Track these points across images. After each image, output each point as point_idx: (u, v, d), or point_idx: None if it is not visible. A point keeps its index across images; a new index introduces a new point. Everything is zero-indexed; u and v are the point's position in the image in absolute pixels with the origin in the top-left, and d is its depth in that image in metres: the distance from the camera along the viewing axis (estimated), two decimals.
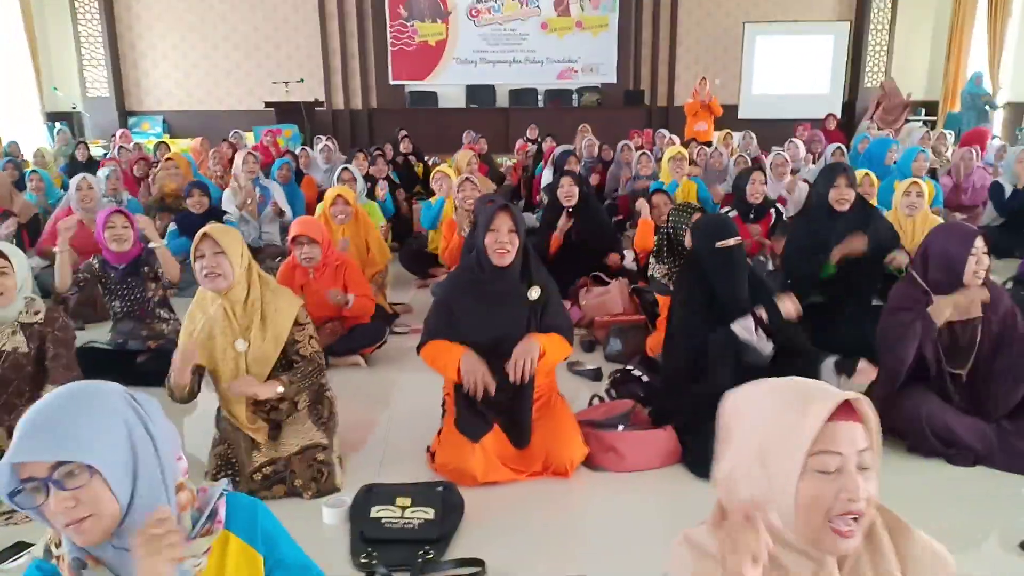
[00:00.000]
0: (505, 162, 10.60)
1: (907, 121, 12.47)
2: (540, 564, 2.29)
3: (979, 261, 2.80)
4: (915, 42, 14.28)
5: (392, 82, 13.61)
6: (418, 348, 2.83)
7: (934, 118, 13.49)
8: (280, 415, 2.79)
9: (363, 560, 2.24)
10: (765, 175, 5.15)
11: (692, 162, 8.15)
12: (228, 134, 11.14)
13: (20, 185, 6.56)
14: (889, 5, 13.91)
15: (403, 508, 2.40)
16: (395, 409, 3.49)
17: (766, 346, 2.94)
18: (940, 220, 4.72)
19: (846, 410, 1.15)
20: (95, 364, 3.68)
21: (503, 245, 2.71)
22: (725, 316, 2.94)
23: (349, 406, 3.44)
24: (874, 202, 4.81)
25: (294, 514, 2.53)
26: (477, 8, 13.49)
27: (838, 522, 1.13)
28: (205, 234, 2.64)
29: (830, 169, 4.04)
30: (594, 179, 8.52)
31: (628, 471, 2.81)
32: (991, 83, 12.66)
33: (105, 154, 9.79)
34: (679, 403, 2.94)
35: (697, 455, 2.74)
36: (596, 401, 3.29)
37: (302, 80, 12.17)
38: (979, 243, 2.81)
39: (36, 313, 2.77)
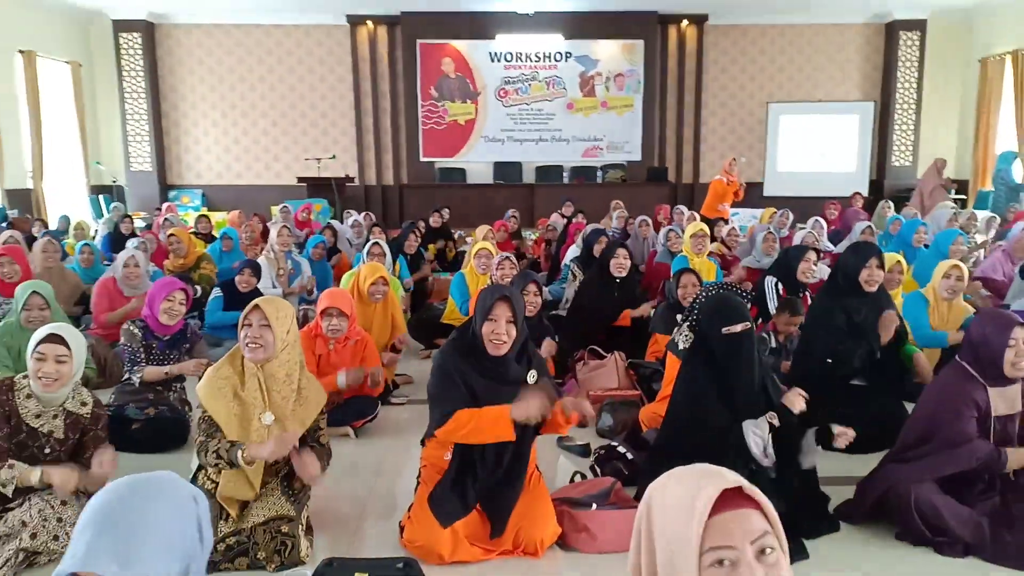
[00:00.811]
0: (529, 236, 10.74)
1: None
2: None
3: (1018, 352, 2.71)
4: (942, 120, 14.30)
5: (422, 159, 13.97)
6: (437, 426, 2.72)
7: (963, 197, 13.36)
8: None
9: None
10: (818, 255, 5.10)
11: (714, 239, 8.18)
12: (262, 208, 11.53)
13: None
14: (915, 84, 14.00)
15: None
16: (378, 483, 3.47)
17: (765, 460, 2.78)
18: (970, 308, 4.64)
19: (736, 498, 1.11)
20: None
21: (499, 336, 2.69)
22: (736, 407, 2.86)
23: (332, 478, 3.44)
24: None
25: None
26: (505, 89, 13.90)
27: None
28: (256, 306, 2.71)
29: (863, 248, 3.97)
30: None
31: (601, 552, 2.74)
32: (1022, 160, 12.54)
33: (148, 226, 10.17)
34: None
35: None
36: (578, 478, 3.24)
37: (334, 157, 12.54)
38: (1019, 332, 2.71)
39: (83, 405, 2.84)
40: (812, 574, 2.62)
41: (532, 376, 2.78)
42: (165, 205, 10.63)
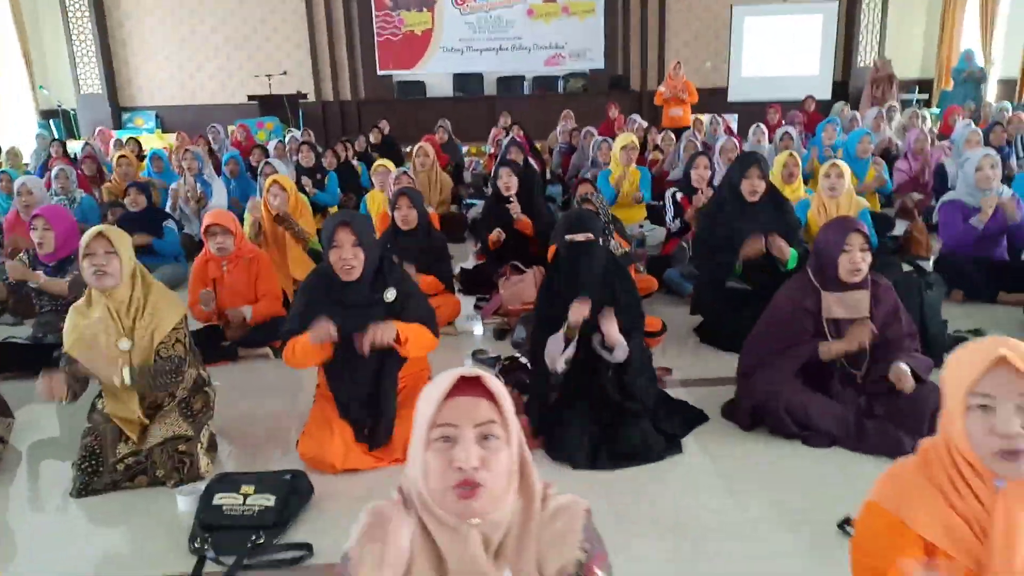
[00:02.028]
0: (488, 151, 10.65)
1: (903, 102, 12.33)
2: None
3: (852, 259, 2.80)
4: (909, 21, 14.07)
5: (380, 72, 13.66)
6: (284, 340, 2.89)
7: (927, 96, 13.29)
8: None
9: (196, 546, 2.34)
10: (711, 160, 5.18)
11: (658, 148, 8.17)
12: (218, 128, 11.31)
13: None
14: None
15: (245, 496, 2.48)
16: (298, 400, 3.58)
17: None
18: (864, 202, 4.75)
19: (470, 385, 1.21)
20: (11, 359, 3.87)
21: (347, 261, 2.74)
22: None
23: (247, 397, 3.56)
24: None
25: (155, 501, 2.66)
26: None
27: (456, 490, 1.19)
28: (100, 233, 2.72)
29: (744, 158, 4.04)
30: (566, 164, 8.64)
31: None
32: (984, 60, 12.44)
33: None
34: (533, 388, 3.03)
35: (547, 439, 2.87)
36: None
37: (285, 73, 12.27)
38: (854, 239, 2.81)
39: None
40: (684, 462, 2.81)
41: (390, 294, 2.85)
42: (98, 129, 10.43)
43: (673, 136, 8.61)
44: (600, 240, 3.08)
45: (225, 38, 13.62)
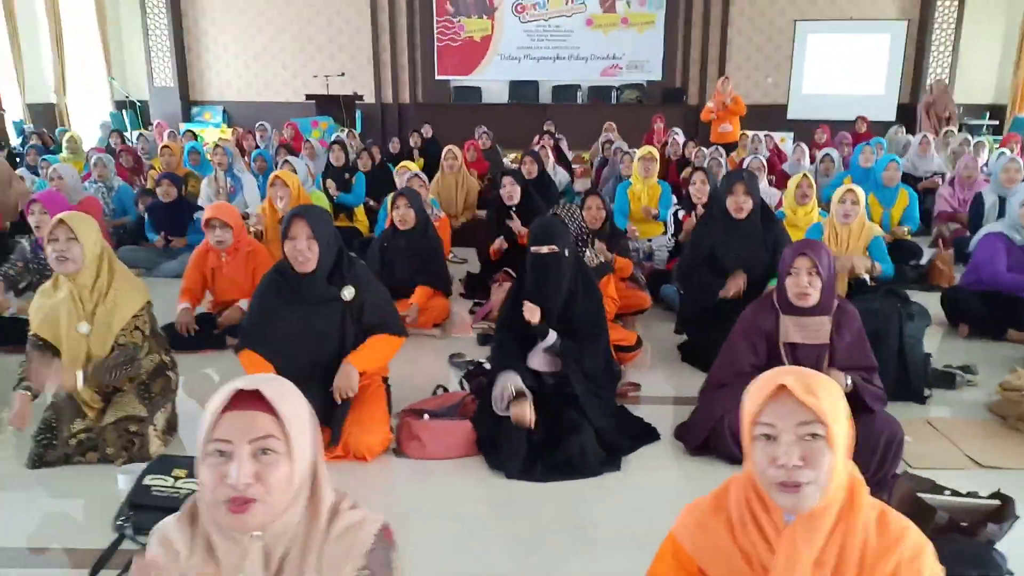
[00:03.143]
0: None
1: (964, 127, 11.82)
2: None
3: (797, 282, 2.73)
4: (983, 42, 13.46)
5: (438, 77, 13.87)
6: (237, 349, 2.97)
7: (997, 123, 12.70)
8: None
9: (119, 523, 2.43)
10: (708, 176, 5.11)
11: (692, 165, 8.03)
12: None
13: None
14: (956, 4, 13.15)
15: (176, 478, 2.57)
16: None
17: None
18: (877, 229, 4.58)
19: (250, 399, 1.22)
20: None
21: (301, 252, 2.79)
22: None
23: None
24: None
25: (101, 477, 2.78)
26: (522, 4, 13.58)
27: (229, 505, 1.20)
28: (61, 220, 2.87)
29: (730, 175, 3.98)
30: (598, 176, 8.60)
31: (429, 458, 2.91)
32: None
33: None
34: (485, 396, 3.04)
35: (485, 444, 2.89)
36: (440, 391, 3.39)
37: (343, 74, 12.57)
38: (801, 262, 2.74)
39: None
40: (624, 479, 2.79)
41: (347, 292, 2.90)
42: (156, 122, 10.96)
43: (723, 151, 8.46)
44: (566, 252, 3.06)
45: (291, 38, 14.06)
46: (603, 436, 2.93)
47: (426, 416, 2.98)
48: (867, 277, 4.33)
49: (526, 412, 2.81)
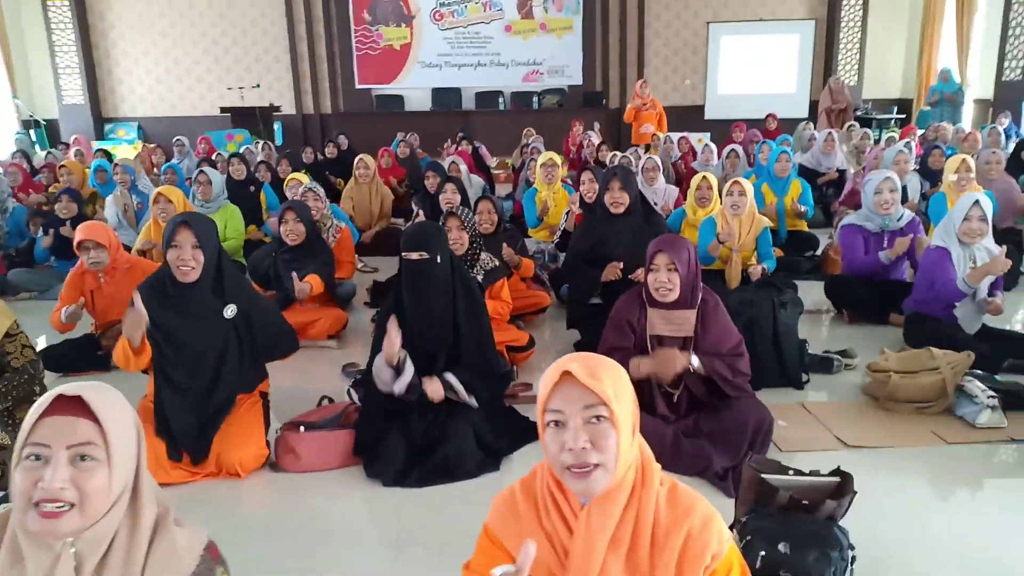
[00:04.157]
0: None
1: (873, 121, 12.26)
2: None
3: (656, 279, 2.78)
4: (889, 40, 14.00)
5: (358, 86, 13.75)
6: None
7: (904, 116, 13.19)
8: None
9: None
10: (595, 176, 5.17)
11: (601, 164, 8.12)
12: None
13: None
14: (860, 3, 13.64)
15: None
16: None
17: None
18: (766, 221, 4.70)
19: (71, 405, 1.21)
20: None
21: (185, 262, 2.74)
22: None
23: None
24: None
25: None
26: (440, 12, 13.58)
27: (38, 509, 1.18)
28: None
29: (608, 172, 4.06)
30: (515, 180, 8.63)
31: (306, 471, 2.85)
32: (960, 79, 12.33)
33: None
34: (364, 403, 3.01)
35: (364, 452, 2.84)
36: (326, 402, 3.33)
37: (258, 85, 12.36)
38: (660, 259, 2.79)
39: None
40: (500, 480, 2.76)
41: (229, 311, 2.83)
42: (72, 137, 10.59)
43: (640, 152, 8.55)
44: (438, 258, 3.03)
45: (204, 51, 13.76)
46: (482, 438, 2.92)
47: (301, 428, 2.92)
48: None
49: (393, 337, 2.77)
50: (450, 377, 2.90)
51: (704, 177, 5.20)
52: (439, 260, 3.00)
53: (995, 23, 11.37)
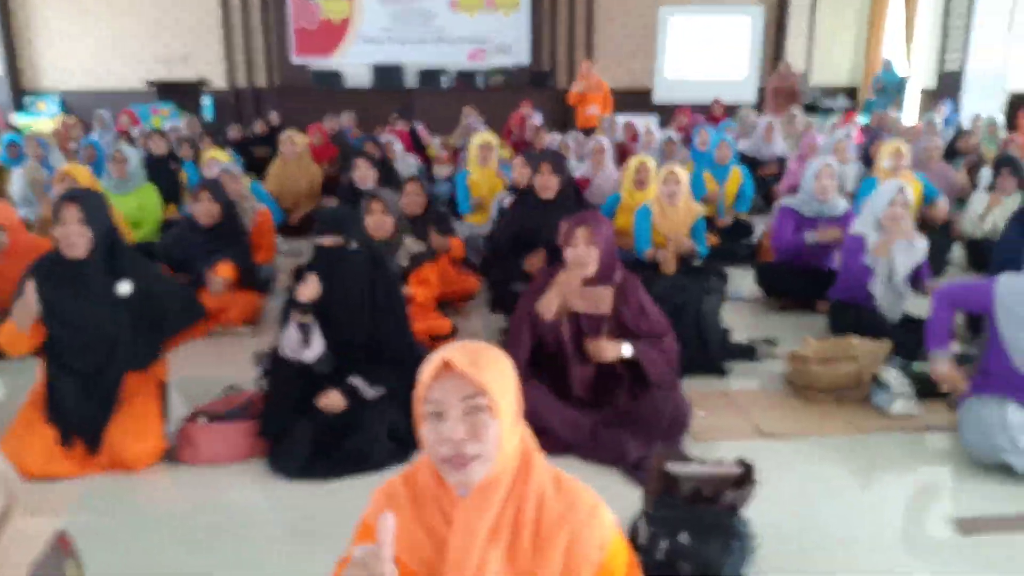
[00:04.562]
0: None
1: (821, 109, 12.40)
2: None
3: (575, 253, 2.73)
4: (838, 27, 14.09)
5: (295, 60, 13.34)
6: None
7: (852, 103, 13.37)
8: None
9: None
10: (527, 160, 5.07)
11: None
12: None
13: None
14: None
15: None
16: None
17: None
18: (700, 209, 4.66)
19: None
20: None
21: (67, 237, 2.63)
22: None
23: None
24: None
25: None
26: None
27: None
28: None
29: (537, 156, 3.97)
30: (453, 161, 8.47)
31: (205, 463, 2.71)
32: (906, 68, 12.54)
33: None
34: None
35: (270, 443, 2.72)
36: (230, 391, 3.17)
37: (186, 59, 11.88)
38: (579, 232, 2.73)
39: None
40: None
41: (124, 287, 2.68)
42: None
43: (581, 136, 8.45)
44: (352, 244, 2.89)
45: (133, 21, 13.13)
46: (396, 428, 2.81)
47: (201, 419, 2.76)
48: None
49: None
50: (356, 381, 2.77)
51: (642, 161, 5.12)
52: (354, 246, 2.86)
53: (940, 13, 11.55)
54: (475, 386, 1.23)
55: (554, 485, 1.33)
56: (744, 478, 2.00)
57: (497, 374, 1.27)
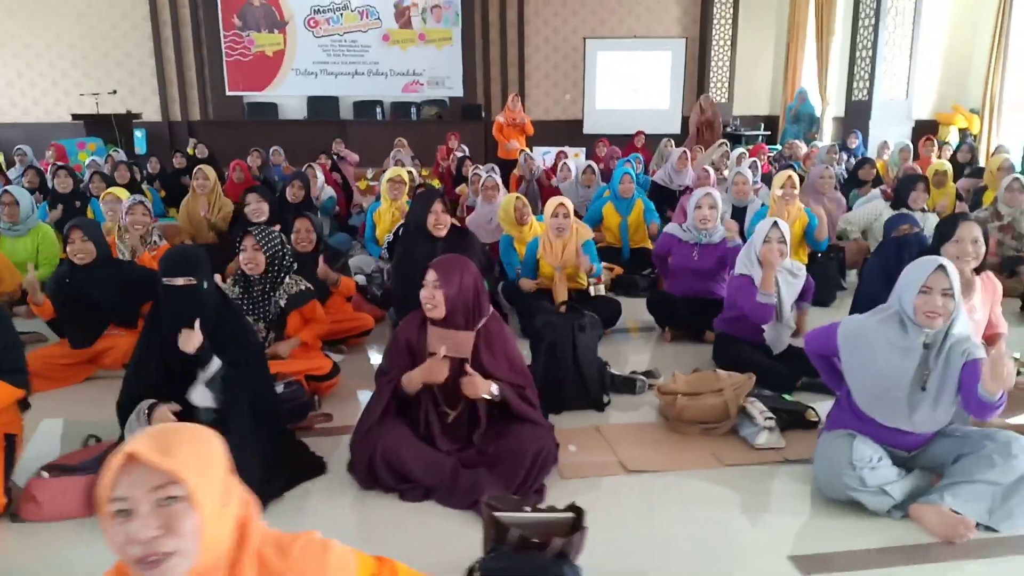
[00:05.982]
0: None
1: (742, 138, 12.71)
2: None
3: (424, 295, 2.74)
4: (757, 59, 14.60)
5: (229, 93, 13.26)
6: None
7: (770, 132, 13.76)
8: None
9: None
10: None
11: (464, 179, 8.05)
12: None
13: None
14: (731, 20, 14.16)
15: None
16: None
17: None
18: (588, 233, 4.71)
19: None
20: None
21: None
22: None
23: None
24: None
25: None
26: (315, 19, 13.27)
27: None
28: None
29: (427, 195, 3.98)
30: None
31: (49, 520, 2.60)
32: (820, 99, 12.97)
33: None
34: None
35: None
36: (92, 441, 3.09)
37: (115, 91, 11.74)
38: (428, 276, 2.75)
39: None
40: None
41: None
42: None
43: (496, 169, 8.49)
44: (204, 284, 2.86)
45: (60, 54, 12.97)
46: (264, 472, 2.74)
47: (44, 474, 2.67)
48: (591, 282, 4.45)
49: (167, 413, 2.65)
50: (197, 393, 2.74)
51: (518, 197, 4.95)
52: (205, 286, 2.83)
53: (847, 45, 11.99)
54: (166, 475, 1.12)
55: (276, 548, 1.27)
56: (575, 524, 1.99)
57: (193, 457, 1.16)
